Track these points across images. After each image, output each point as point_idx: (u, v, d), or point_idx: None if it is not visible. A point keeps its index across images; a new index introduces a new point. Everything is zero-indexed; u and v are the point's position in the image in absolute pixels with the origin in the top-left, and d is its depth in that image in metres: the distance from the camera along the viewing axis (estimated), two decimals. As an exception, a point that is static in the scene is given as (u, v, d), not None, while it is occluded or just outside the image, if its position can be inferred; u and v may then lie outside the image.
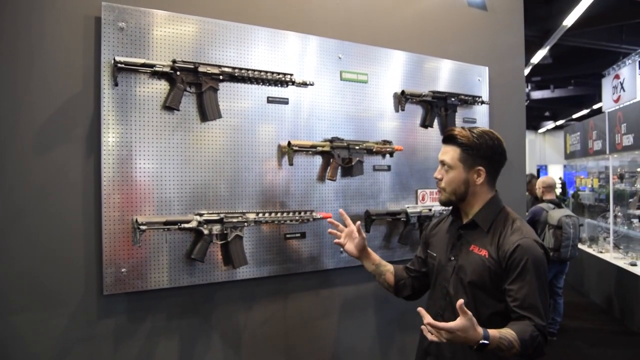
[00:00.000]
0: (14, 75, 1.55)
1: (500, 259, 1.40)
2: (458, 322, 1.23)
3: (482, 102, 2.53)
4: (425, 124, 2.36)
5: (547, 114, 13.98)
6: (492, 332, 1.27)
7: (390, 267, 1.73)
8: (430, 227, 1.74)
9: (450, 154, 1.49)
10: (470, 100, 2.48)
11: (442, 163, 1.51)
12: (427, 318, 1.26)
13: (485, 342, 1.24)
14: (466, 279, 1.45)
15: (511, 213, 1.52)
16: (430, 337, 1.26)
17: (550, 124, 15.51)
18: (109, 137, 1.63)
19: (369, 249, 1.74)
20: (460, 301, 1.23)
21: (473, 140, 1.45)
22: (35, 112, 1.57)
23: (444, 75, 2.45)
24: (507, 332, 1.29)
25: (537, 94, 10.59)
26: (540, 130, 16.77)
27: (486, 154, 1.46)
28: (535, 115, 13.70)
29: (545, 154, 16.85)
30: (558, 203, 4.36)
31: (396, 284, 1.71)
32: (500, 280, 1.40)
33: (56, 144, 1.60)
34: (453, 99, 2.40)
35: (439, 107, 2.37)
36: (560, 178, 11.02)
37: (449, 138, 1.51)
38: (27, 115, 1.56)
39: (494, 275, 1.40)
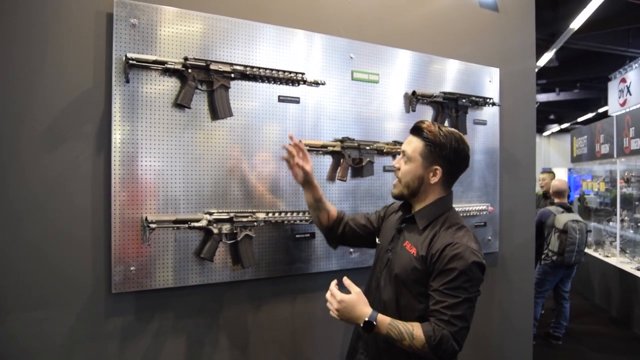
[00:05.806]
0: (26, 70, 1.53)
1: (427, 257, 1.35)
2: (349, 295, 1.33)
3: (493, 104, 2.51)
4: (436, 125, 2.33)
5: (552, 117, 13.93)
6: (383, 317, 1.31)
7: (331, 210, 1.71)
8: (389, 209, 1.69)
9: (413, 145, 1.44)
10: (481, 102, 2.46)
11: (403, 153, 1.47)
12: (347, 281, 1.38)
13: (371, 321, 1.28)
14: (393, 273, 1.43)
15: (457, 217, 1.45)
16: (328, 304, 1.35)
17: (555, 127, 15.45)
18: (119, 134, 1.61)
19: (315, 181, 1.68)
20: (345, 278, 1.38)
21: (438, 138, 1.40)
22: (46, 107, 1.56)
23: (454, 76, 2.43)
24: (401, 323, 1.29)
25: (542, 97, 10.52)
26: (545, 133, 16.69)
27: (448, 154, 1.41)
28: (540, 118, 13.62)
29: (550, 157, 16.77)
30: (568, 207, 4.31)
31: (334, 222, 1.70)
32: (424, 281, 1.36)
33: (66, 140, 1.59)
34: (464, 100, 2.38)
35: (449, 108, 2.35)
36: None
37: (416, 129, 1.45)
38: (39, 111, 1.55)
39: (418, 275, 1.36)
